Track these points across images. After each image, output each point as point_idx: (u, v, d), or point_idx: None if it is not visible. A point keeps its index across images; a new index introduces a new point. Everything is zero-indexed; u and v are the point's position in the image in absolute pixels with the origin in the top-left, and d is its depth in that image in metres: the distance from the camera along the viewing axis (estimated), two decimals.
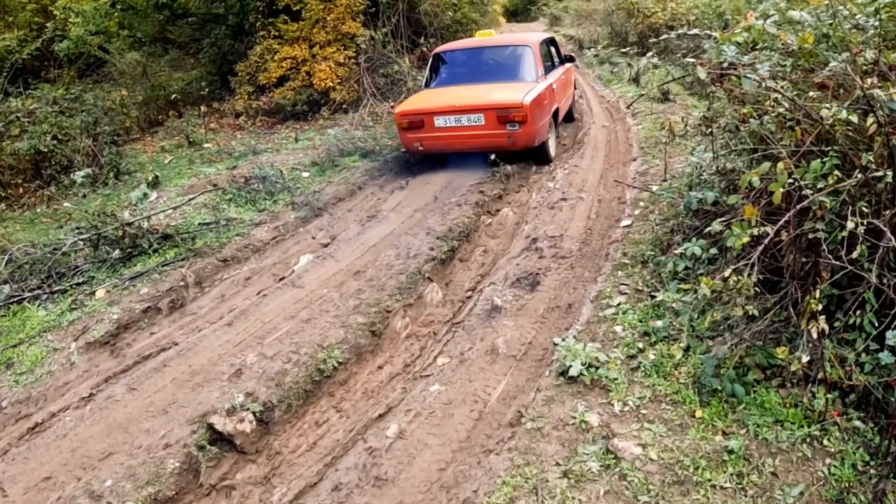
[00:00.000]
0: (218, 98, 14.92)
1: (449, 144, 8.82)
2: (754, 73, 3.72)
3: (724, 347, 3.88)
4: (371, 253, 6.40)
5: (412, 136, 8.87)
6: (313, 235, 7.24)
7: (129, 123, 12.90)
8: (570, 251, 6.08)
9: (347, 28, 12.95)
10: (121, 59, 14.68)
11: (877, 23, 4.48)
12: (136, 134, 13.40)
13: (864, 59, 3.94)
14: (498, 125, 8.39)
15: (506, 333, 4.77)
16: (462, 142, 8.69)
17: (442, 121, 8.61)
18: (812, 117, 3.95)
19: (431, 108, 8.73)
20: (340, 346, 4.76)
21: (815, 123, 4.20)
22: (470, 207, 7.26)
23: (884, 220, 3.29)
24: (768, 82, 3.76)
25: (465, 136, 8.62)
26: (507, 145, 8.52)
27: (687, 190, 6.12)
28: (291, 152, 10.57)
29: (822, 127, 3.92)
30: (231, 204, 8.20)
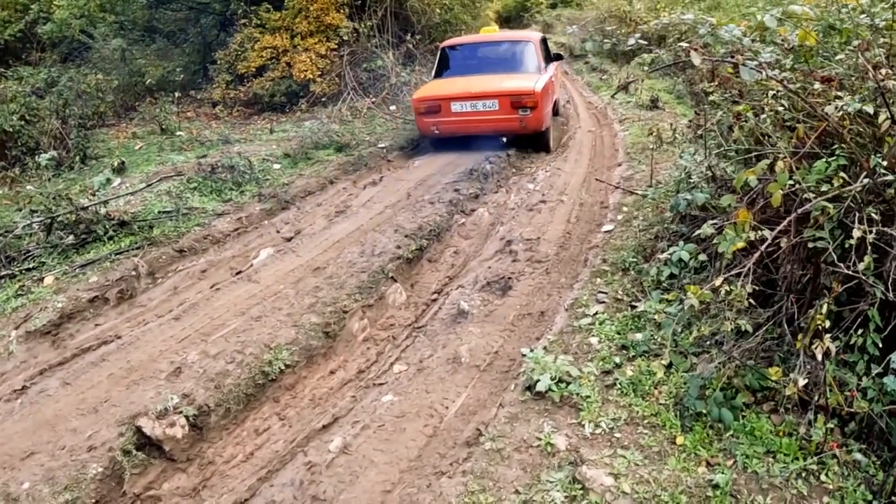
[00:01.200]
0: (197, 87, 14.45)
1: (464, 128, 9.41)
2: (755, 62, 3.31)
3: (710, 366, 3.47)
4: (334, 249, 5.95)
5: (429, 120, 9.45)
6: (277, 229, 6.80)
7: (104, 108, 12.42)
8: (546, 255, 5.67)
9: (331, 19, 12.53)
10: (104, 45, 14.19)
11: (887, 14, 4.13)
12: (112, 119, 12.96)
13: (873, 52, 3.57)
14: (511, 110, 9.07)
15: (471, 341, 4.35)
16: (477, 125, 9.33)
17: (458, 106, 9.26)
18: (816, 115, 3.56)
19: (448, 94, 9.38)
20: (290, 347, 4.32)
21: (818, 122, 3.83)
22: (443, 206, 6.83)
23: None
24: (770, 72, 3.35)
25: (480, 120, 9.27)
26: (518, 128, 9.25)
27: (674, 193, 5.74)
28: (265, 143, 10.13)
29: (826, 125, 3.53)
30: (195, 193, 7.75)
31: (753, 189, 3.45)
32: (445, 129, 9.49)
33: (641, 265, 5.03)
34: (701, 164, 5.13)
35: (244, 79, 13.05)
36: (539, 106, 9.06)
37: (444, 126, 9.46)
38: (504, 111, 9.12)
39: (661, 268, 3.54)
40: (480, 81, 9.73)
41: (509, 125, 9.24)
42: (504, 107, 9.10)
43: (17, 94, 9.89)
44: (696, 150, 5.79)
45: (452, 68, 10.74)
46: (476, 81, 9.75)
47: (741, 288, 2.90)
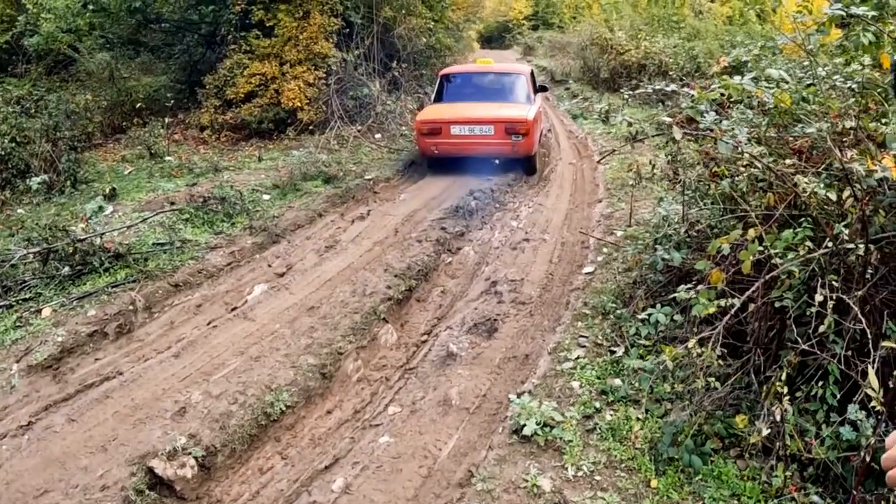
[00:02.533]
0: (184, 108, 14.61)
1: (461, 149, 10.35)
2: (732, 139, 3.64)
3: (683, 414, 3.78)
4: (327, 287, 6.21)
5: (430, 141, 10.35)
6: (269, 263, 7.03)
7: (92, 129, 12.48)
8: (530, 297, 5.97)
9: (320, 48, 12.79)
10: (90, 60, 14.30)
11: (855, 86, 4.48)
12: (99, 140, 13.01)
13: (842, 125, 3.91)
14: (505, 136, 10.08)
15: (460, 383, 4.62)
16: (473, 148, 10.30)
17: (457, 129, 10.23)
18: (786, 183, 3.89)
19: (449, 118, 10.37)
20: (289, 388, 4.56)
21: (788, 189, 4.16)
22: (430, 244, 7.12)
23: (854, 297, 3.21)
24: (745, 147, 3.68)
25: (476, 143, 10.25)
26: (510, 152, 10.23)
27: (652, 242, 6.06)
28: (253, 172, 10.35)
29: (795, 194, 3.86)
30: (188, 224, 7.95)
31: (727, 255, 3.76)
32: (444, 149, 10.34)
33: (621, 311, 5.33)
34: (679, 217, 5.44)
35: (232, 104, 13.24)
36: (530, 133, 10.07)
37: (443, 147, 10.31)
38: (498, 136, 10.08)
39: (640, 327, 3.82)
40: (478, 108, 10.64)
41: (502, 149, 10.16)
42: (499, 132, 10.05)
43: (8, 115, 9.95)
44: (675, 199, 6.13)
45: (451, 94, 11.69)
46: (474, 108, 10.67)
47: (711, 351, 3.21)
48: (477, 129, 10.23)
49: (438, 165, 10.91)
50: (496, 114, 10.38)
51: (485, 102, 11.05)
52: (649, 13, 25.68)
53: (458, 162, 10.64)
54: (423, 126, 10.44)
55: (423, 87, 16.69)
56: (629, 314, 5.18)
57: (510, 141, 10.10)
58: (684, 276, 5.04)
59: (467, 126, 10.26)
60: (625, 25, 24.14)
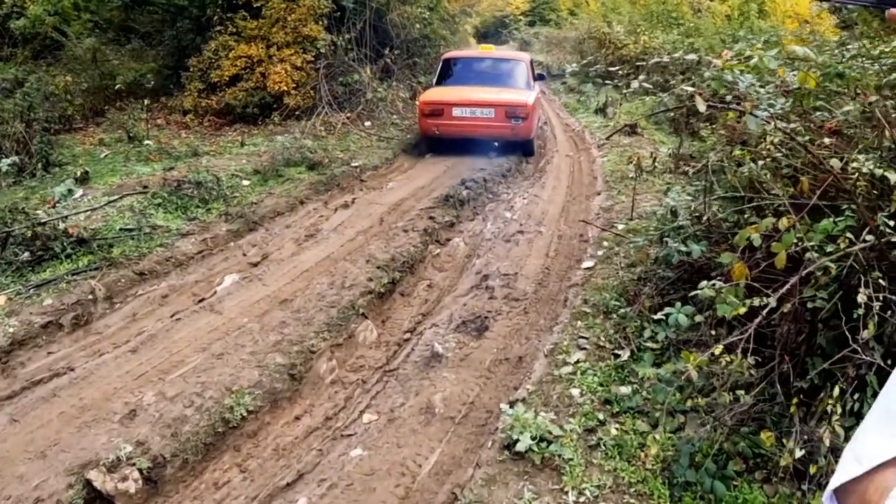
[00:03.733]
0: (169, 93, 14.03)
1: (462, 131, 10.55)
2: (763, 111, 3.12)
3: (701, 430, 3.27)
4: (303, 279, 5.67)
5: (432, 121, 10.57)
6: (244, 252, 6.51)
7: (72, 111, 11.95)
8: (524, 293, 5.45)
9: (309, 30, 12.22)
10: (78, 44, 13.74)
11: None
12: (80, 123, 12.44)
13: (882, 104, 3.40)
14: (505, 119, 10.33)
15: (445, 388, 4.10)
16: (473, 129, 10.53)
17: (459, 111, 10.45)
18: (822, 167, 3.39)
19: (451, 100, 10.57)
20: (253, 390, 4.04)
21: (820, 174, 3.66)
22: (417, 234, 6.59)
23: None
24: (779, 123, 3.16)
25: (477, 126, 10.49)
26: (510, 135, 10.49)
27: (657, 235, 5.56)
28: (235, 157, 9.79)
29: (833, 178, 3.36)
30: (159, 209, 7.40)
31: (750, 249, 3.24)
32: (445, 130, 10.58)
33: (625, 309, 4.83)
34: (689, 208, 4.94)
35: (217, 87, 12.67)
36: (529, 117, 10.40)
37: (444, 128, 10.56)
38: (499, 119, 10.35)
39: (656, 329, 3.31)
40: (480, 91, 10.86)
41: (502, 132, 10.46)
42: (499, 115, 10.34)
43: None
44: (684, 188, 5.63)
45: (453, 78, 11.88)
46: (476, 91, 10.88)
47: (742, 360, 2.70)
48: (478, 111, 10.44)
49: (437, 147, 11.05)
50: (498, 97, 10.61)
51: (486, 86, 11.19)
52: (647, 9, 25.20)
53: (455, 147, 10.75)
54: (426, 107, 10.66)
55: (417, 75, 16.17)
56: (634, 313, 4.67)
57: (510, 124, 10.33)
58: (697, 271, 4.54)
59: (469, 108, 10.46)
60: (623, 21, 23.68)
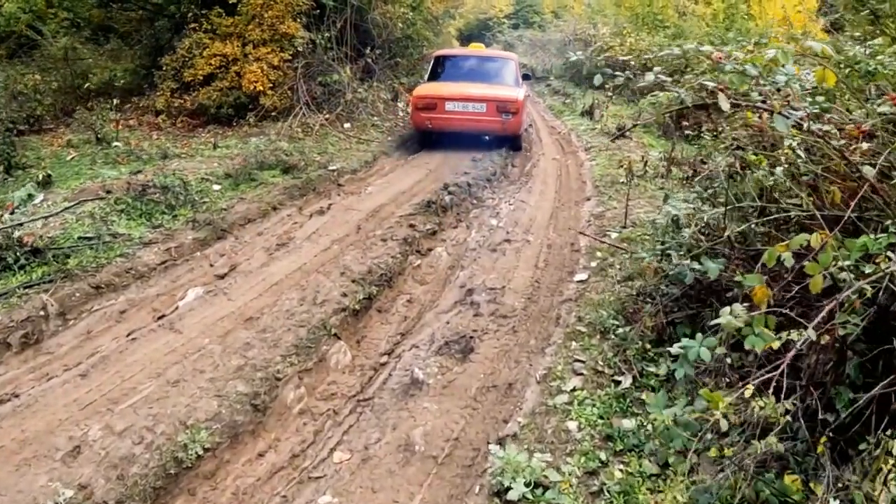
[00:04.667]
0: (143, 93, 13.46)
1: (454, 125, 10.93)
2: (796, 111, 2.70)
3: (721, 475, 2.84)
4: (271, 293, 5.19)
5: (425, 115, 10.89)
6: (211, 262, 6.03)
7: (41, 112, 11.41)
8: (513, 309, 5.00)
9: (286, 28, 11.74)
10: (54, 43, 13.18)
11: None
12: (50, 124, 11.88)
13: None
14: (496, 113, 10.81)
15: (426, 421, 3.65)
16: (464, 123, 10.92)
17: (452, 105, 10.83)
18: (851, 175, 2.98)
19: (445, 94, 10.96)
20: (210, 424, 3.57)
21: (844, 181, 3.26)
22: (396, 244, 6.12)
23: None
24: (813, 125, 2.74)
25: (469, 120, 10.88)
26: (500, 130, 10.96)
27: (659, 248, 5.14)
28: (206, 160, 9.29)
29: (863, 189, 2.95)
30: (122, 216, 6.90)
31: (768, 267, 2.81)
32: (438, 124, 10.93)
33: (623, 329, 4.40)
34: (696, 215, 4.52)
35: (190, 87, 12.15)
36: (519, 112, 10.93)
37: (436, 121, 10.90)
38: (490, 114, 10.81)
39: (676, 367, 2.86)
40: (472, 87, 11.26)
41: (493, 126, 10.93)
42: (490, 110, 10.80)
43: None
44: (685, 195, 5.22)
45: (445, 74, 12.31)
46: (468, 87, 11.29)
47: (777, 404, 2.27)
48: (470, 106, 10.83)
49: (428, 142, 11.43)
50: (489, 93, 11.02)
51: (477, 83, 11.58)
52: (633, 12, 24.95)
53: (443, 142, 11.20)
54: (420, 101, 10.94)
55: (399, 76, 15.76)
56: (635, 335, 4.24)
57: (500, 119, 10.81)
58: (705, 288, 4.12)
59: (461, 103, 10.85)
60: (608, 23, 23.41)
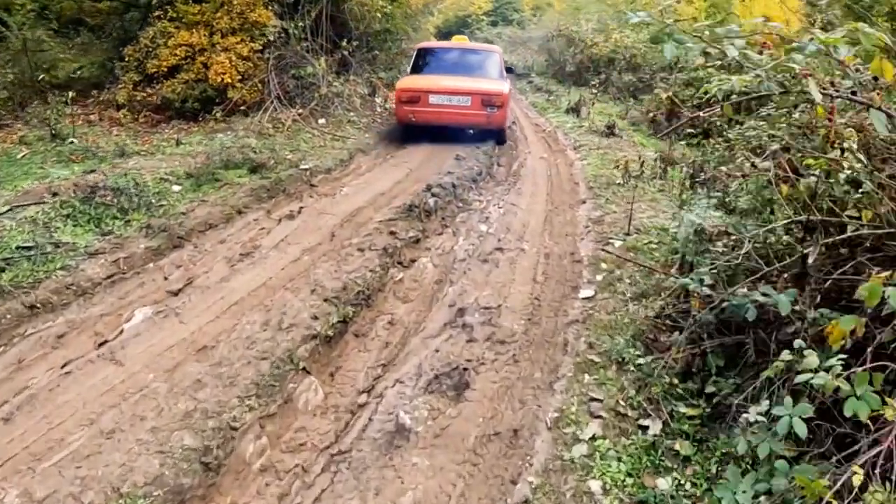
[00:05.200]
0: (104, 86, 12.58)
1: (438, 118, 10.71)
2: None
3: None
4: (231, 315, 4.45)
5: (408, 108, 10.69)
6: (165, 275, 5.29)
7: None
8: (511, 333, 4.32)
9: (257, 16, 10.93)
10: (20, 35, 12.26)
11: None
12: (8, 119, 10.98)
13: None
14: (481, 107, 10.59)
15: (416, 482, 2.95)
16: (449, 117, 10.74)
17: (436, 98, 10.63)
18: None
19: (429, 87, 10.77)
20: (150, 490, 2.85)
21: None
22: (375, 255, 5.40)
23: None
24: None
25: (453, 113, 10.69)
26: (484, 123, 10.77)
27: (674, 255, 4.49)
28: (167, 158, 8.50)
29: None
30: (68, 221, 6.12)
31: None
32: (422, 117, 10.69)
33: (644, 359, 3.75)
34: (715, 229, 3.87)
35: (154, 79, 11.32)
36: (504, 105, 10.73)
37: (420, 115, 10.67)
38: (475, 107, 10.58)
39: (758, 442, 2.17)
40: (457, 80, 11.06)
41: (477, 120, 10.74)
42: (475, 104, 10.57)
43: None
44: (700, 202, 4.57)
45: (428, 67, 11.96)
46: (453, 80, 11.09)
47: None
48: (455, 99, 10.63)
49: (411, 136, 11.10)
50: (474, 86, 10.83)
51: (461, 76, 11.37)
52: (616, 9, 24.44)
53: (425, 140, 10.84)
54: (403, 94, 10.75)
55: (377, 70, 15.02)
56: (660, 368, 3.58)
57: (486, 112, 10.58)
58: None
59: (445, 96, 10.65)
60: (591, 19, 22.86)
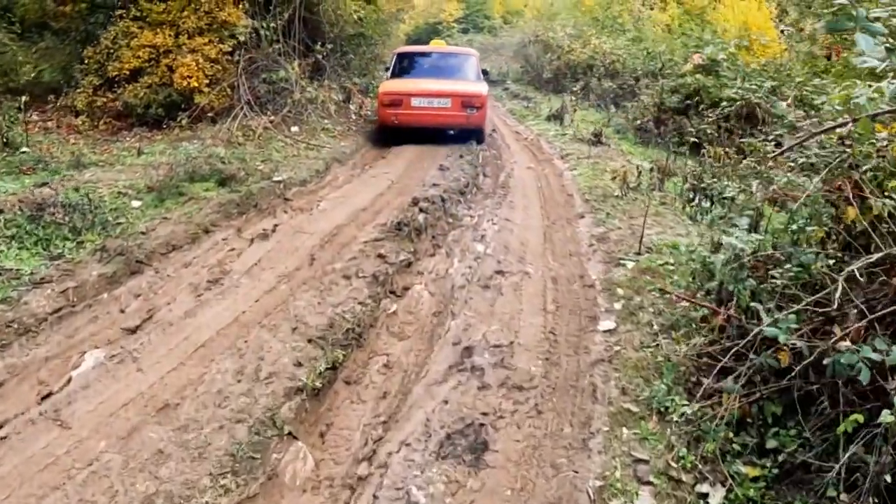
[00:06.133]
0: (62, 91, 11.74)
1: (420, 120, 11.12)
2: None
3: None
4: (198, 360, 3.76)
5: (391, 111, 11.03)
6: (122, 307, 4.59)
7: None
8: (529, 376, 3.70)
9: (226, 15, 10.21)
10: None
11: None
12: None
13: None
14: (461, 108, 11.06)
15: None
16: (431, 119, 11.16)
17: (418, 101, 11.05)
18: None
19: (411, 90, 11.18)
20: None
21: None
22: (364, 283, 4.73)
23: None
24: None
25: (434, 115, 11.14)
26: (465, 123, 11.14)
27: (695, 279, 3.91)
28: (128, 169, 7.77)
29: None
30: (12, 243, 5.39)
31: None
32: (404, 120, 11.06)
33: (690, 407, 3.17)
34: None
35: (116, 84, 10.52)
36: (484, 106, 11.25)
37: (402, 117, 11.03)
38: (455, 108, 11.07)
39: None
40: (437, 83, 11.53)
41: (458, 121, 11.18)
42: (455, 105, 11.06)
43: None
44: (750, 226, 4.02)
45: (407, 71, 12.37)
46: (433, 83, 11.57)
47: None
48: (436, 101, 11.06)
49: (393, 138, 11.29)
50: (455, 88, 11.32)
51: (441, 78, 11.81)
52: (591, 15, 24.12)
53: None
54: (386, 97, 11.06)
55: (351, 76, 14.38)
56: (712, 419, 3.01)
57: (465, 113, 11.03)
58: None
59: (427, 98, 11.06)
60: (566, 25, 22.49)
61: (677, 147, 10.48)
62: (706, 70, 12.39)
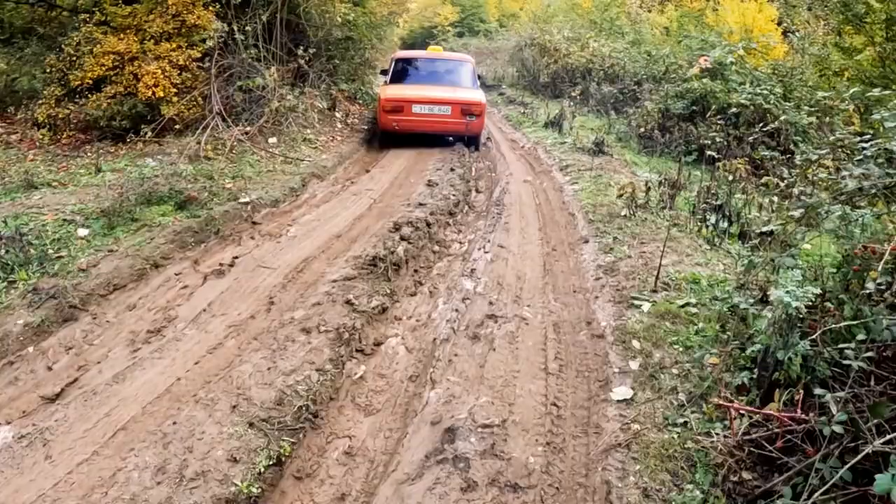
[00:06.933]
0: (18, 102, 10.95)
1: (420, 126, 11.32)
2: None
3: None
4: (115, 450, 2.97)
5: (392, 117, 11.19)
6: (50, 363, 3.84)
7: None
8: (526, 471, 2.93)
9: (196, 18, 9.42)
10: None
11: None
12: None
13: None
14: (460, 115, 11.27)
15: None
16: (430, 125, 11.37)
17: (419, 108, 11.23)
18: None
19: (412, 97, 11.31)
20: None
21: None
22: (326, 340, 3.93)
23: None
24: None
25: (434, 122, 11.33)
26: (463, 130, 11.37)
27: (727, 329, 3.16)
28: (81, 190, 6.97)
29: None
30: None
31: None
32: (404, 126, 11.26)
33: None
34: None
35: (79, 93, 9.73)
36: (482, 114, 11.50)
37: (403, 123, 11.22)
38: (455, 116, 11.30)
39: None
40: (438, 90, 11.72)
41: (457, 127, 11.40)
42: (455, 112, 11.29)
43: None
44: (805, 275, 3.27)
45: (406, 77, 12.53)
46: (434, 90, 11.71)
47: None
48: (436, 108, 11.27)
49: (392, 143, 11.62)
50: (455, 96, 11.50)
51: (439, 85, 12.03)
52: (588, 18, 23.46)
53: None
54: (388, 103, 11.22)
55: (338, 82, 13.61)
56: None
57: (465, 121, 11.24)
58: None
59: (428, 105, 11.24)
60: (563, 29, 21.81)
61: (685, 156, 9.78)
62: (713, 74, 11.77)
